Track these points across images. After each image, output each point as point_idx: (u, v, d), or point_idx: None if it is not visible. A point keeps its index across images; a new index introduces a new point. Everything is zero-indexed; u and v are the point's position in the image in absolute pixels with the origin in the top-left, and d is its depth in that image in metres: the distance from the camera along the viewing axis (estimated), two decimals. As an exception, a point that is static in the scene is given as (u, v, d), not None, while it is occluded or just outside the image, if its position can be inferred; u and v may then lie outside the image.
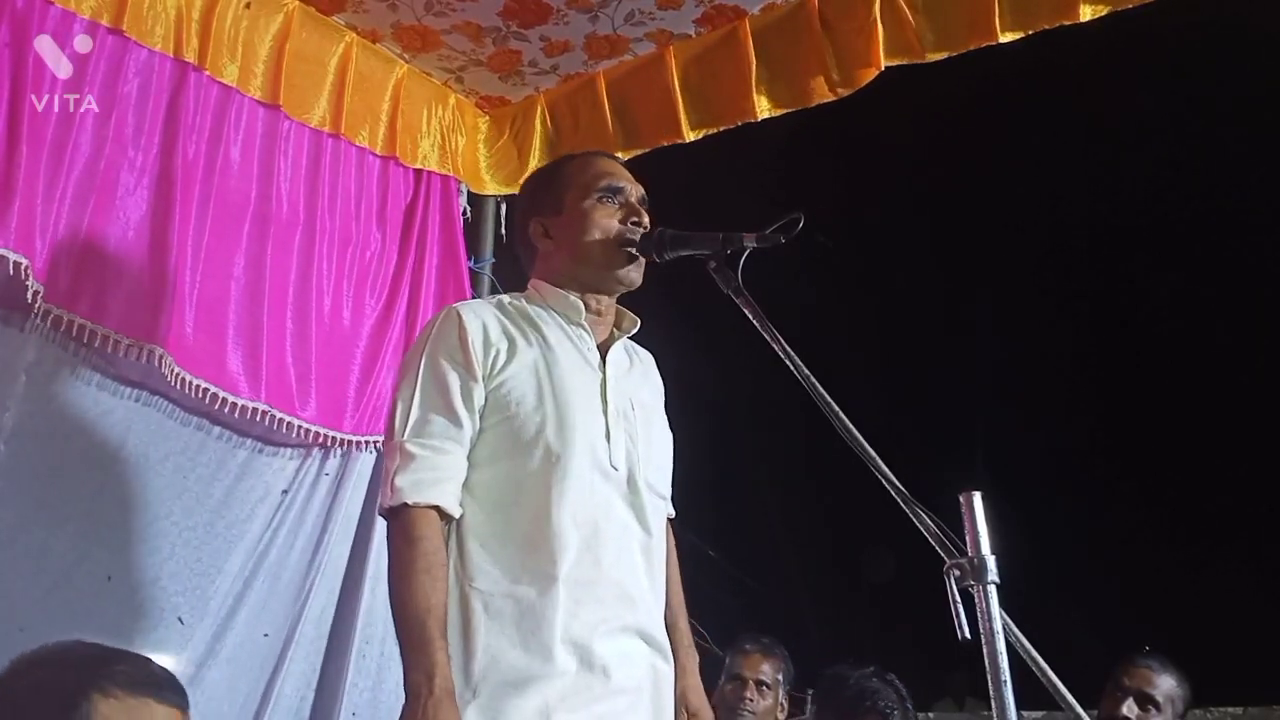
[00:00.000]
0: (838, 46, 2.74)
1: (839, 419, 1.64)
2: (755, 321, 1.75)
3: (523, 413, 1.85)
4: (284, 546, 2.73)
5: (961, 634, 1.44)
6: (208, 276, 2.58)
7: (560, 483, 1.82)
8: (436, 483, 1.80)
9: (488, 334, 1.88)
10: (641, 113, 3.01)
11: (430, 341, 1.90)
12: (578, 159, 2.11)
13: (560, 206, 2.01)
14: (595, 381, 1.93)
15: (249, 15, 2.71)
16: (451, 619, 1.75)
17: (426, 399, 1.85)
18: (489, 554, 1.81)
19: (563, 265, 2.00)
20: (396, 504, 1.78)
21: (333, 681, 2.76)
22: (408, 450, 1.81)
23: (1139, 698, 2.76)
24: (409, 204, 3.09)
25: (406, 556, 1.75)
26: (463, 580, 1.80)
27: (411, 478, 1.79)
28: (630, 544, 1.87)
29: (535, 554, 1.79)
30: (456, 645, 1.74)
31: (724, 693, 3.28)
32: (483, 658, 1.74)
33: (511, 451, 1.84)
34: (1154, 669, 2.80)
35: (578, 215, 1.98)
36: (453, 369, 1.86)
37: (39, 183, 2.28)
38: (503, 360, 1.87)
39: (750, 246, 1.82)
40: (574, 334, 1.96)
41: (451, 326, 1.89)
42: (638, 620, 1.85)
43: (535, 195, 2.09)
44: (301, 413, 2.72)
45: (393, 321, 2.96)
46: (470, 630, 1.76)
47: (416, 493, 1.78)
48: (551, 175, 2.10)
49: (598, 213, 1.97)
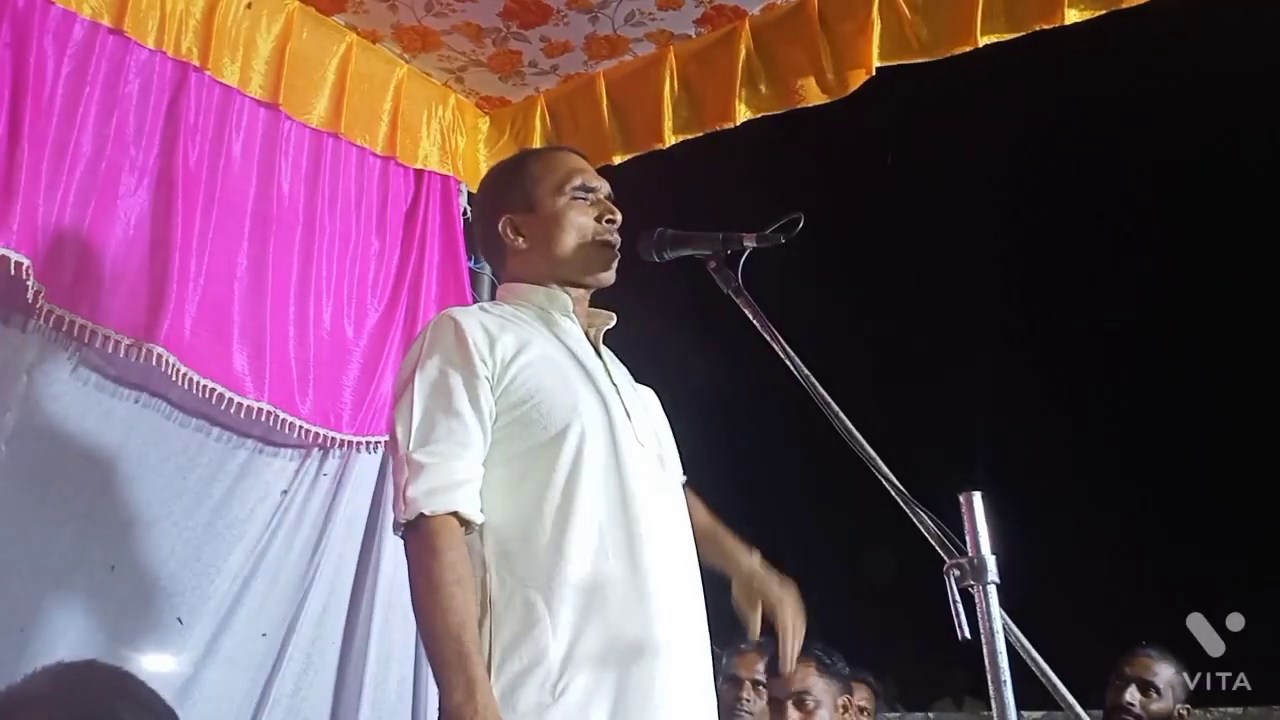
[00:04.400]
0: (835, 47, 2.75)
1: (839, 419, 1.64)
2: (755, 321, 1.75)
3: (544, 401, 1.77)
4: (282, 547, 2.73)
5: (961, 634, 1.44)
6: (210, 277, 2.58)
7: (605, 460, 1.77)
8: (452, 488, 1.69)
9: (488, 331, 1.81)
10: (641, 113, 3.01)
11: (425, 348, 1.80)
12: (542, 154, 2.07)
13: (531, 204, 1.96)
14: (599, 369, 1.90)
15: (250, 15, 2.72)
16: (509, 628, 1.66)
17: (428, 406, 1.75)
18: (553, 549, 1.71)
19: (539, 264, 1.95)
20: (412, 516, 1.66)
21: (336, 682, 2.77)
22: (416, 461, 1.70)
23: (1140, 684, 2.90)
24: (409, 204, 3.09)
25: (432, 570, 1.63)
26: (511, 584, 1.69)
27: (423, 486, 1.68)
28: (668, 517, 1.86)
29: (605, 535, 1.74)
30: (518, 654, 1.65)
31: (721, 693, 3.27)
32: (564, 647, 1.66)
33: (539, 439, 1.76)
34: (1153, 657, 2.95)
35: (553, 214, 1.94)
36: (454, 371, 1.77)
37: (40, 183, 2.28)
38: (510, 353, 1.79)
39: (750, 246, 1.82)
40: (563, 327, 1.92)
41: (446, 330, 1.81)
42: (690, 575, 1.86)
43: (502, 192, 2.02)
44: (303, 412, 2.73)
45: (394, 322, 2.96)
46: (538, 630, 1.66)
47: (431, 501, 1.67)
48: (517, 171, 2.02)
49: (573, 211, 1.94)
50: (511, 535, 1.73)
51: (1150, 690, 2.90)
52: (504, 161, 2.18)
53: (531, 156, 2.08)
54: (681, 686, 1.76)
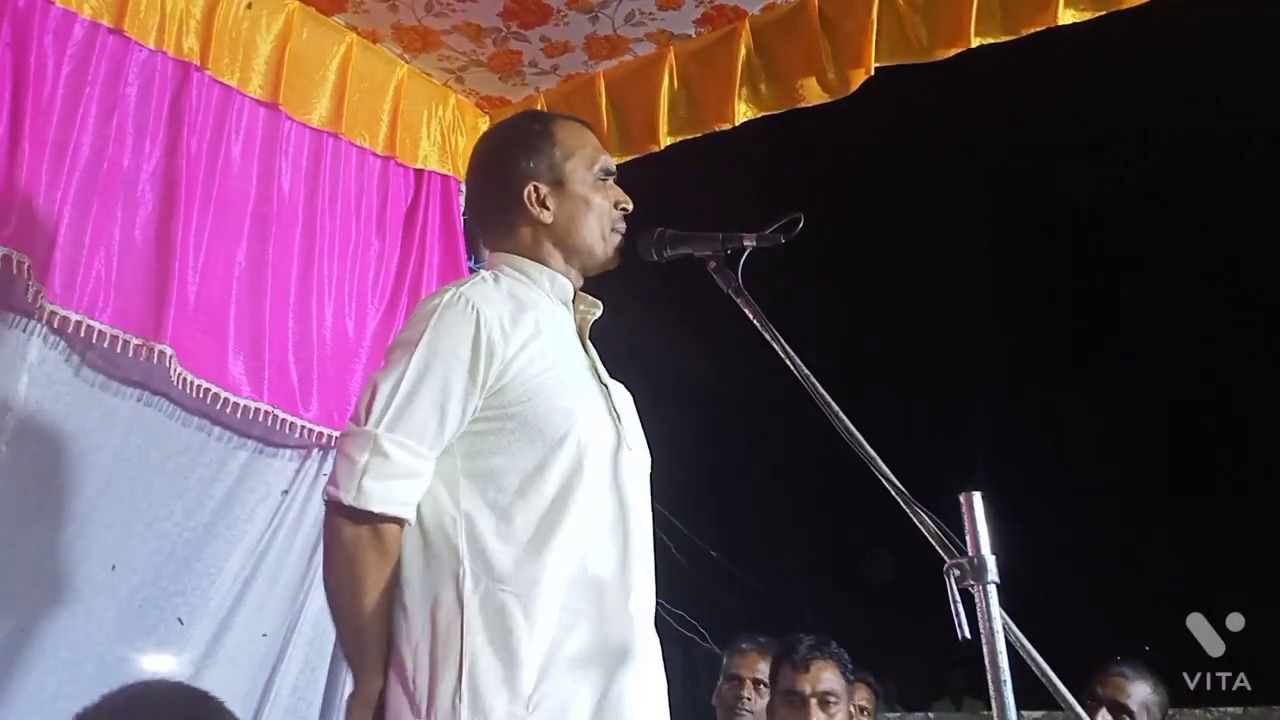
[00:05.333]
0: (836, 47, 2.75)
1: (839, 419, 1.64)
2: (755, 321, 1.75)
3: (543, 406, 1.71)
4: (283, 547, 2.73)
5: (961, 634, 1.44)
6: (209, 276, 2.58)
7: (590, 461, 1.73)
8: (410, 495, 1.66)
9: (504, 328, 1.72)
10: (641, 113, 3.01)
11: (434, 328, 1.70)
12: (570, 125, 1.96)
13: (560, 178, 1.87)
14: (587, 366, 1.87)
15: (250, 15, 2.71)
16: (482, 634, 1.62)
17: (417, 392, 1.67)
18: (531, 550, 1.66)
19: (556, 242, 1.88)
20: (361, 507, 1.62)
21: (334, 682, 2.77)
22: (382, 446, 1.63)
23: (1112, 707, 2.73)
24: (409, 204, 3.09)
25: (376, 572, 1.63)
26: (486, 584, 1.64)
27: (385, 483, 1.63)
28: (647, 518, 1.84)
29: (582, 533, 1.70)
30: (490, 662, 1.61)
31: (721, 692, 3.28)
32: (539, 656, 1.62)
33: (533, 439, 1.70)
34: (1127, 676, 2.77)
35: (582, 194, 1.87)
36: (458, 367, 1.68)
37: (40, 182, 2.29)
38: (515, 349, 1.72)
39: (750, 246, 1.82)
40: (560, 314, 1.86)
41: (465, 319, 1.71)
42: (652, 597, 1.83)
43: (529, 156, 1.88)
44: (304, 413, 2.72)
45: (394, 321, 2.96)
46: (513, 638, 1.62)
47: (388, 502, 1.63)
48: (544, 138, 1.91)
49: (598, 194, 1.89)
50: (488, 532, 1.67)
51: (1123, 715, 2.72)
52: (524, 121, 2.02)
53: (559, 125, 1.95)
54: (651, 693, 1.75)
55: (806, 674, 2.75)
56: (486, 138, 2.09)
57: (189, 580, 2.56)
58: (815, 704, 2.73)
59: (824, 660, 2.77)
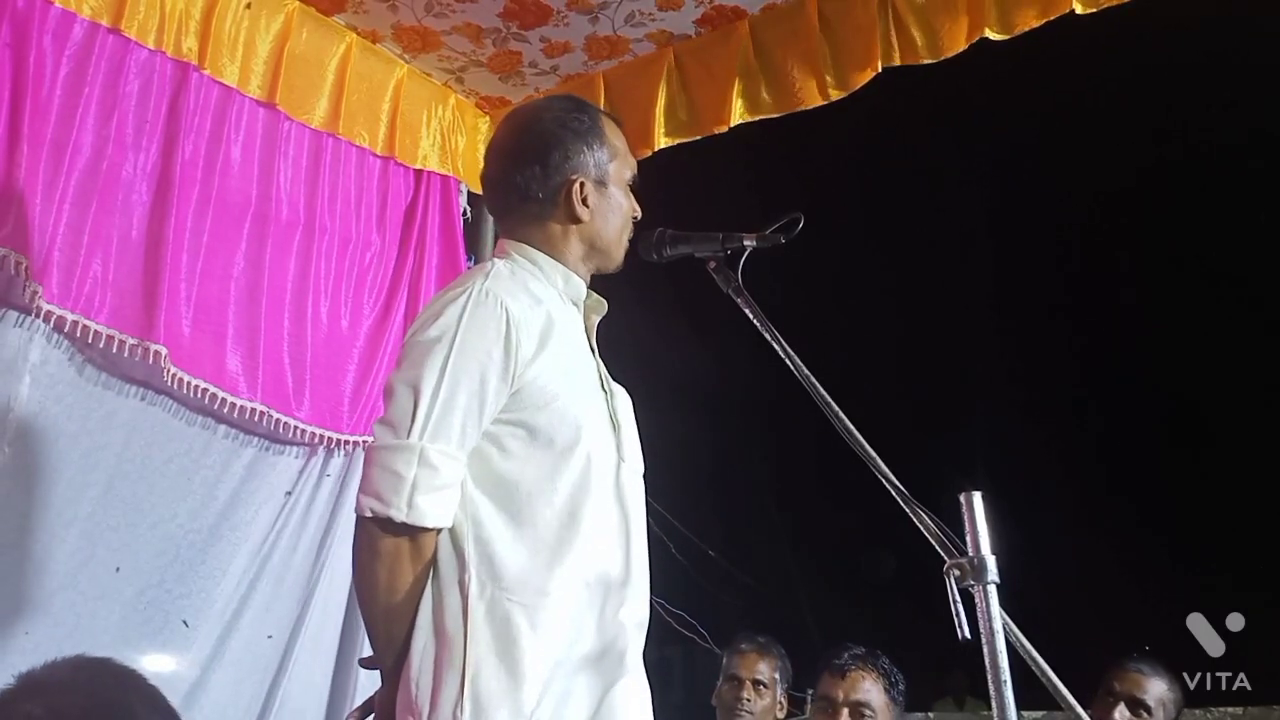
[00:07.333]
0: (835, 47, 2.75)
1: (839, 419, 1.64)
2: (755, 321, 1.75)
3: (555, 414, 1.69)
4: (287, 548, 2.74)
5: (961, 634, 1.44)
6: (207, 276, 2.58)
7: (596, 471, 1.72)
8: (454, 503, 1.63)
9: (528, 327, 1.69)
10: (641, 114, 3.01)
11: (465, 329, 1.65)
12: (612, 123, 1.91)
13: (604, 179, 1.84)
14: (593, 371, 1.85)
15: (249, 15, 2.72)
16: (487, 644, 1.60)
17: (455, 397, 1.62)
18: (542, 561, 1.65)
19: (584, 240, 1.85)
20: (416, 524, 1.59)
21: (342, 684, 2.76)
22: (430, 459, 1.59)
23: (1130, 702, 2.73)
24: (409, 204, 3.09)
25: (414, 579, 1.62)
26: (492, 592, 1.62)
27: (436, 496, 1.60)
28: (644, 529, 1.83)
29: (589, 543, 1.68)
30: (494, 674, 1.58)
31: (721, 693, 3.28)
32: (544, 671, 1.61)
33: (544, 446, 1.68)
34: (1144, 673, 2.78)
35: (617, 199, 1.86)
36: (491, 368, 1.65)
37: (39, 182, 2.29)
38: (532, 350, 1.69)
39: (750, 246, 1.82)
40: (570, 314, 1.83)
41: (494, 317, 1.66)
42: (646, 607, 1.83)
43: (580, 150, 1.83)
44: (297, 413, 2.73)
45: (391, 322, 2.97)
46: (518, 649, 1.60)
47: (441, 518, 1.62)
48: (595, 135, 1.85)
49: (629, 201, 1.89)
50: (495, 537, 1.64)
51: (1140, 710, 2.72)
52: (570, 109, 1.89)
53: (605, 122, 1.90)
54: (640, 704, 1.75)
55: (842, 681, 2.69)
56: (524, 118, 1.93)
57: (194, 582, 2.56)
58: (847, 713, 2.67)
59: (863, 670, 2.70)
